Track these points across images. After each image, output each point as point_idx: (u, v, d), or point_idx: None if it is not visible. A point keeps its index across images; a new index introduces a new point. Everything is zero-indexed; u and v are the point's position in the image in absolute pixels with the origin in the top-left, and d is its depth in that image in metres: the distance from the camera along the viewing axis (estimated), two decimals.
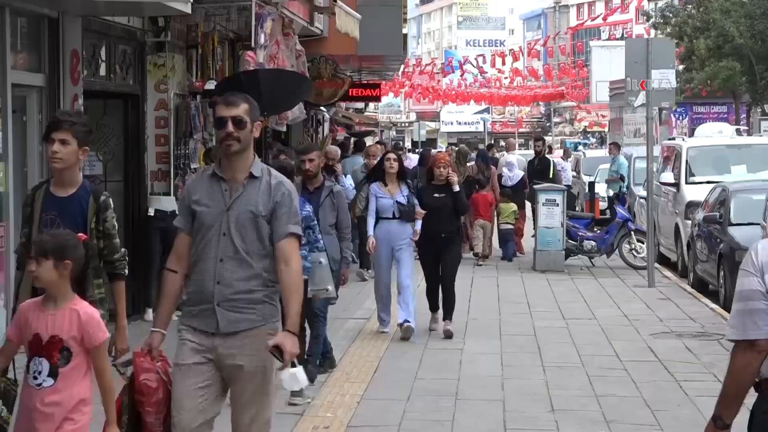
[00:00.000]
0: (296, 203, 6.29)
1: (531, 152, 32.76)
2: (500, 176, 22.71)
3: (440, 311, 13.92)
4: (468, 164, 22.10)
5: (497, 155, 28.21)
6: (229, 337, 6.06)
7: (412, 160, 29.31)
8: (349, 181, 17.79)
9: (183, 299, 6.41)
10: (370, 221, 13.52)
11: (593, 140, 76.08)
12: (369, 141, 36.92)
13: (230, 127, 6.12)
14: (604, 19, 72.32)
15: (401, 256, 13.53)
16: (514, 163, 24.14)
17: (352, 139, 30.01)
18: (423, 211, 13.36)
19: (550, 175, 22.86)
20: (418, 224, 13.42)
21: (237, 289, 6.04)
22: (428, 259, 13.94)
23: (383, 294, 13.72)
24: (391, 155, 13.77)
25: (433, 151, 31.73)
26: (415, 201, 13.45)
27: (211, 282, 6.05)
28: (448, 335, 13.59)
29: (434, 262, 13.84)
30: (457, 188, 13.66)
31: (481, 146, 37.15)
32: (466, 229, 14.05)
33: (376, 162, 16.46)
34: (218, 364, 6.11)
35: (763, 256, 4.78)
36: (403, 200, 13.36)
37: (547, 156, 23.08)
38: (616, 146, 30.23)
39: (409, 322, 13.33)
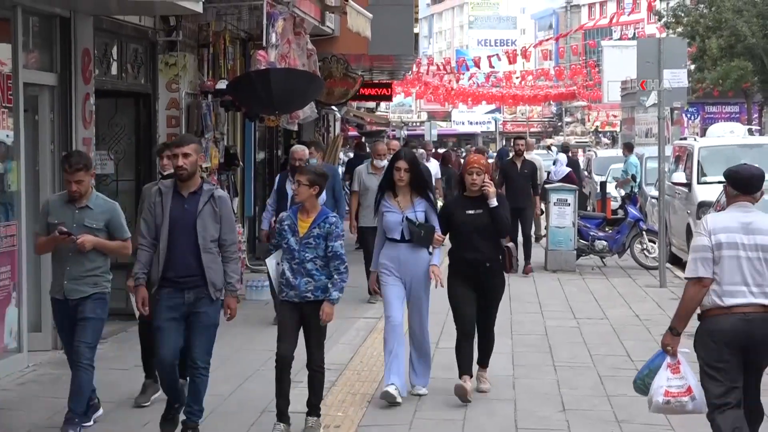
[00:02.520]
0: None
1: (542, 152, 32.80)
2: (547, 173, 24.68)
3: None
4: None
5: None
6: None
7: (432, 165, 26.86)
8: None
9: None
10: (377, 244, 10.58)
11: (605, 140, 75.95)
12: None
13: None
14: (610, 21, 72.24)
15: (414, 296, 10.41)
16: (561, 161, 26.24)
17: (363, 139, 30.01)
18: (442, 236, 10.25)
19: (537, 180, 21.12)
20: (437, 256, 10.27)
21: None
22: (462, 299, 10.35)
23: (393, 346, 10.27)
24: (402, 164, 10.23)
25: (463, 150, 31.52)
26: (435, 220, 10.32)
27: None
28: (482, 390, 10.66)
29: (469, 302, 10.35)
30: (494, 202, 10.20)
31: (483, 145, 37.55)
32: (511, 255, 10.58)
33: (384, 163, 15.31)
34: None
35: (711, 224, 7.70)
36: (416, 217, 10.24)
37: (528, 158, 20.68)
38: (628, 148, 30.19)
39: (420, 390, 10.54)
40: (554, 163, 26.34)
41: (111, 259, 9.31)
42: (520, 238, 19.24)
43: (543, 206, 21.63)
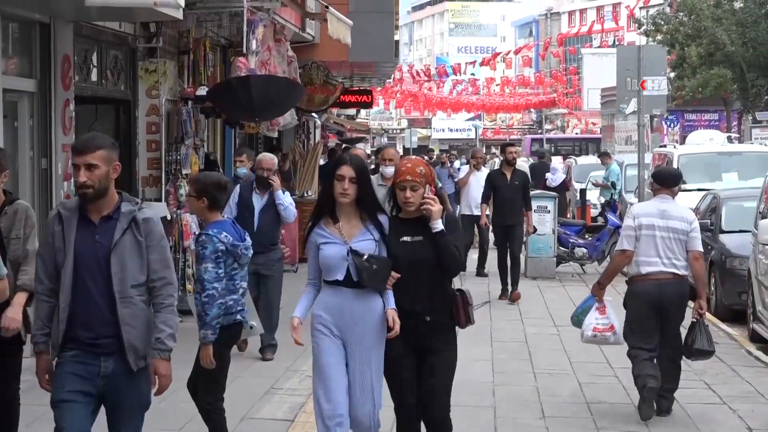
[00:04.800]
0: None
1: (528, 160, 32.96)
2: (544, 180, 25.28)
3: None
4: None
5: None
6: None
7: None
8: (288, 200, 12.63)
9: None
10: (308, 289, 7.40)
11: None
12: (360, 147, 36.91)
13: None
14: (589, 30, 72.48)
15: (361, 366, 7.22)
16: (557, 168, 28.41)
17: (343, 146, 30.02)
18: (396, 275, 7.15)
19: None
20: (392, 298, 7.18)
21: None
22: (396, 369, 7.33)
23: None
24: (346, 171, 7.14)
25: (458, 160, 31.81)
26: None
27: None
28: None
29: (407, 377, 7.34)
30: (438, 225, 7.11)
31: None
32: (465, 303, 7.36)
33: (392, 170, 11.98)
34: None
35: (636, 210, 10.23)
36: (367, 248, 7.15)
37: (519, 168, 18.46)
38: (607, 155, 30.28)
39: None
40: (549, 170, 27.14)
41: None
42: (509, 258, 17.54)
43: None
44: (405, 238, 7.21)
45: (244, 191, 12.42)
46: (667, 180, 10.27)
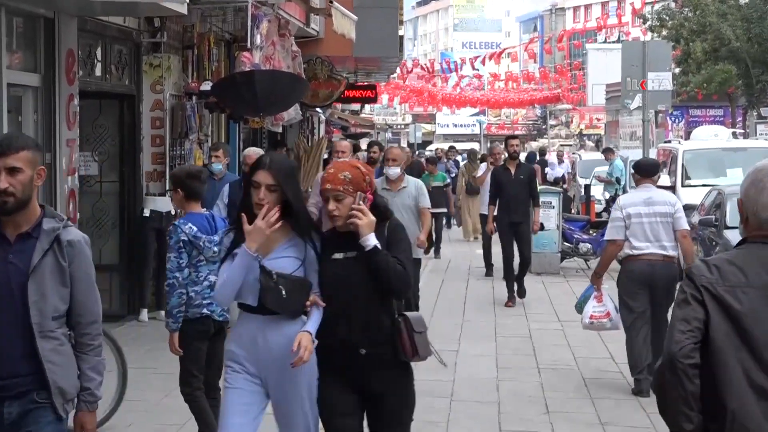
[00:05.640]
0: None
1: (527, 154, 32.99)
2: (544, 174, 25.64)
3: None
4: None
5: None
6: None
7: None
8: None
9: None
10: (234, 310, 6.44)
11: (589, 143, 76.11)
12: (363, 143, 36.98)
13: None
14: (598, 27, 72.50)
15: (285, 407, 6.14)
16: (555, 163, 30.55)
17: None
18: (316, 300, 5.96)
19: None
20: (314, 319, 5.94)
21: None
22: (333, 412, 6.01)
23: None
24: (263, 177, 5.98)
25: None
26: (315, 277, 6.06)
27: None
28: None
29: (349, 416, 6.04)
30: (370, 242, 5.85)
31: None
32: (410, 330, 5.93)
33: (395, 172, 12.66)
34: None
35: (622, 202, 11.07)
36: (284, 266, 5.99)
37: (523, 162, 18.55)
38: (610, 151, 30.26)
39: None
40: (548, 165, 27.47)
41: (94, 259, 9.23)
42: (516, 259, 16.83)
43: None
44: (336, 255, 5.97)
45: (232, 191, 11.68)
46: (647, 170, 11.22)
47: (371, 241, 5.84)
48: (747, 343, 3.97)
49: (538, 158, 35.11)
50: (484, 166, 22.96)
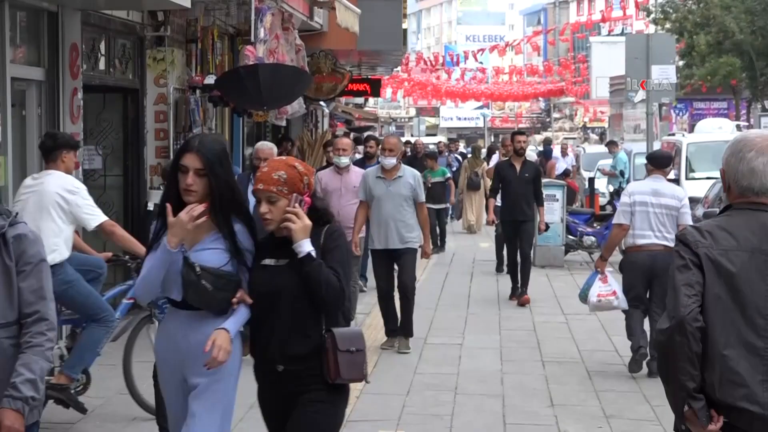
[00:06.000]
0: None
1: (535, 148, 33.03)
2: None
3: None
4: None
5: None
6: None
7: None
8: None
9: None
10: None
11: (593, 136, 76.13)
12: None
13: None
14: (603, 18, 72.37)
15: (197, 407, 5.58)
16: (558, 157, 30.80)
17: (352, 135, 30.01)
18: (243, 296, 5.53)
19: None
20: (236, 318, 5.54)
21: None
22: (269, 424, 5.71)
23: None
24: (191, 160, 5.54)
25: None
26: (248, 262, 5.61)
27: None
28: None
29: (274, 422, 5.66)
30: (304, 248, 5.40)
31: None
32: (335, 348, 5.39)
33: (391, 162, 12.38)
34: None
35: (631, 189, 11.55)
36: (211, 259, 5.55)
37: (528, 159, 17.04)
38: (614, 144, 30.26)
39: None
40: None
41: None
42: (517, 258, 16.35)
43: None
44: (267, 261, 5.52)
45: (241, 185, 11.61)
46: (659, 162, 11.55)
47: (305, 247, 5.38)
48: (738, 302, 4.31)
49: (543, 148, 35.29)
50: (496, 157, 23.15)
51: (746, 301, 4.31)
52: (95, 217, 8.97)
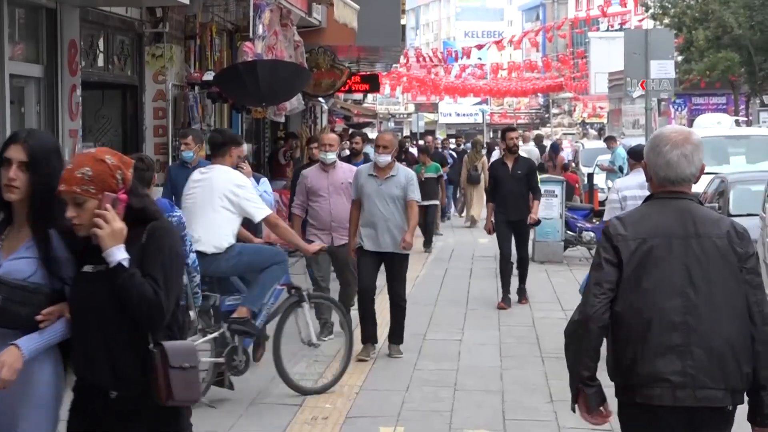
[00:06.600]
0: None
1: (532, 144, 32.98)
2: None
3: None
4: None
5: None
6: None
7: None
8: (263, 187, 11.92)
9: None
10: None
11: (592, 131, 76.18)
12: (368, 132, 36.91)
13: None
14: (603, 13, 72.32)
15: None
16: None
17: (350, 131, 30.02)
18: (55, 311, 4.83)
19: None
20: (35, 337, 4.81)
21: None
22: None
23: None
24: (15, 153, 4.86)
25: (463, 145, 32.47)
26: (65, 271, 4.88)
27: None
28: None
29: None
30: (115, 257, 4.63)
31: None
32: (166, 368, 4.59)
33: (385, 159, 11.78)
34: None
35: (618, 185, 11.89)
36: (18, 269, 4.86)
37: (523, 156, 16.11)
38: (613, 140, 30.27)
39: None
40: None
41: None
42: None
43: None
44: (87, 268, 4.76)
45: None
46: (642, 155, 11.69)
47: (115, 256, 4.60)
48: (659, 283, 4.77)
49: (535, 145, 35.22)
50: (496, 153, 23.20)
51: (665, 281, 4.77)
52: (262, 210, 9.74)
